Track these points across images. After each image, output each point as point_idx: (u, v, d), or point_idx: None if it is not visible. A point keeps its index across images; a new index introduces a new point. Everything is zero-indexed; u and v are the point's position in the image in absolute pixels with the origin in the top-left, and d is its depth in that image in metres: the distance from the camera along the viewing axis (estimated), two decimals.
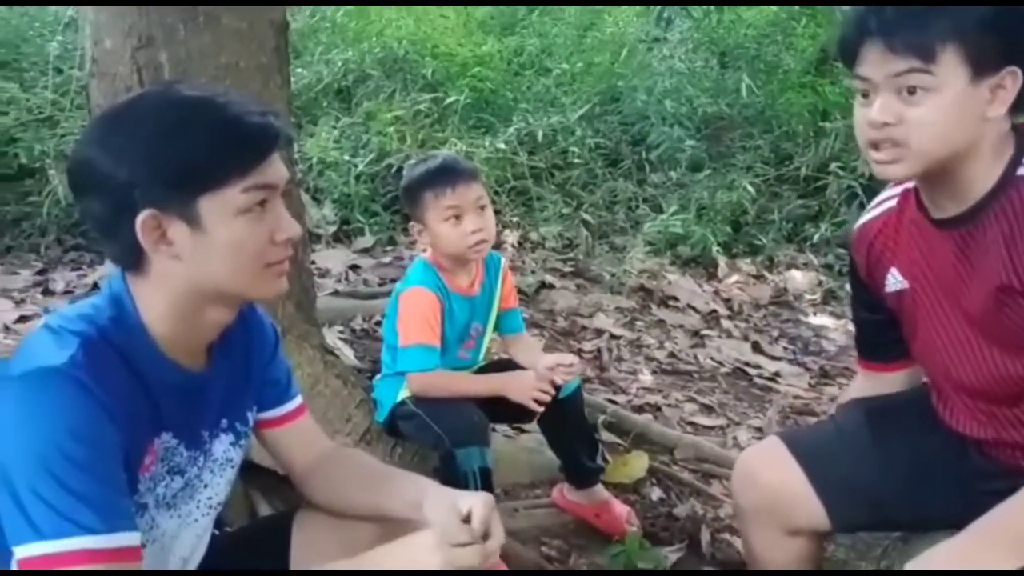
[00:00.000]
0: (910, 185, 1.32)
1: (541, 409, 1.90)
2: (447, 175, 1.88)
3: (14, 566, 0.96)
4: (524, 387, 1.88)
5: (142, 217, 0.98)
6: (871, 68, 1.15)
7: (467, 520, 1.08)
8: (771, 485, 1.44)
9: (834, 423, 1.54)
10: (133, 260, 1.03)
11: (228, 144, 1.00)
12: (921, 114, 1.13)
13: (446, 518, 1.08)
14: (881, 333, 1.47)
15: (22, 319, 2.87)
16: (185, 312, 1.06)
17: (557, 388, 1.92)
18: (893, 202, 1.37)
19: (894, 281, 1.36)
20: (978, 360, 1.27)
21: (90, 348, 0.98)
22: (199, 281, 1.04)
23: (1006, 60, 1.12)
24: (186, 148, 0.99)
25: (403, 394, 1.93)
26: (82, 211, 1.06)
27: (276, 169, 1.05)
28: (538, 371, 1.91)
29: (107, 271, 3.23)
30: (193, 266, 1.02)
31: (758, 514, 1.48)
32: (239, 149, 1.01)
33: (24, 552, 0.92)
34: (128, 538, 0.96)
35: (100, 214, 1.02)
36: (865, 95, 1.18)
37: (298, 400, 1.33)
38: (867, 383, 1.57)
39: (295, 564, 1.29)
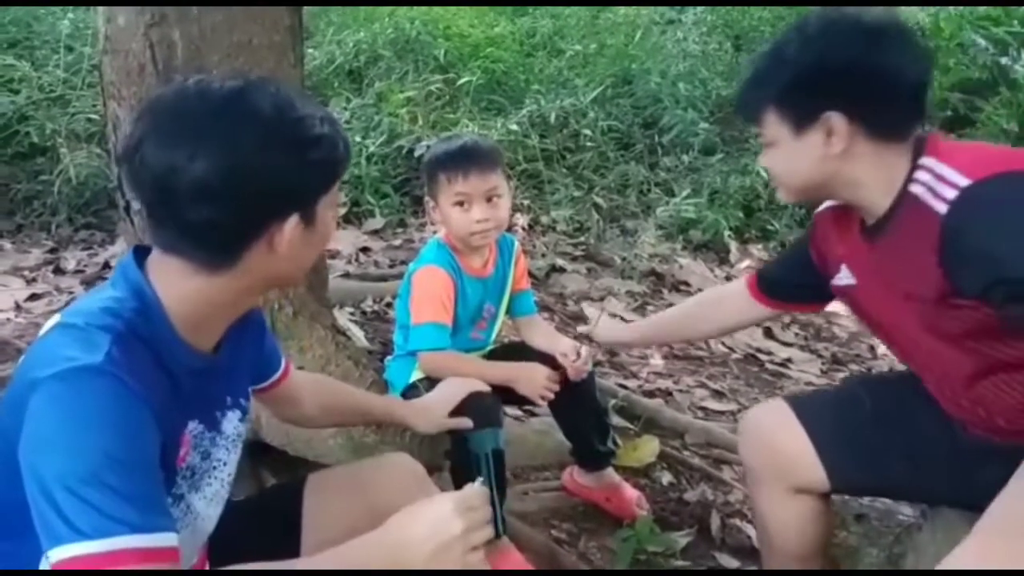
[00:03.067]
0: None
1: (544, 404, 1.93)
2: (463, 161, 1.85)
3: (45, 568, 0.93)
4: (535, 381, 1.88)
5: (293, 221, 1.01)
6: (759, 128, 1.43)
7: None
8: (774, 444, 1.52)
9: (836, 391, 1.64)
10: (229, 261, 1.01)
11: (344, 138, 1.07)
12: (766, 161, 1.42)
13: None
14: (790, 282, 1.70)
15: (33, 297, 2.88)
16: (237, 301, 1.08)
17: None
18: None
19: (844, 275, 1.48)
20: (923, 351, 1.38)
21: (122, 343, 0.96)
22: (276, 272, 1.06)
23: (820, 109, 1.28)
24: (328, 148, 1.02)
25: (416, 375, 1.93)
26: (185, 222, 0.97)
27: None
28: (557, 356, 1.92)
29: (118, 251, 3.24)
30: (287, 259, 1.04)
31: (763, 471, 1.55)
32: (347, 143, 1.08)
33: (62, 553, 0.87)
34: (168, 538, 0.93)
35: (223, 221, 0.97)
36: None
37: (283, 360, 1.40)
38: (729, 299, 1.81)
39: (307, 528, 1.32)
